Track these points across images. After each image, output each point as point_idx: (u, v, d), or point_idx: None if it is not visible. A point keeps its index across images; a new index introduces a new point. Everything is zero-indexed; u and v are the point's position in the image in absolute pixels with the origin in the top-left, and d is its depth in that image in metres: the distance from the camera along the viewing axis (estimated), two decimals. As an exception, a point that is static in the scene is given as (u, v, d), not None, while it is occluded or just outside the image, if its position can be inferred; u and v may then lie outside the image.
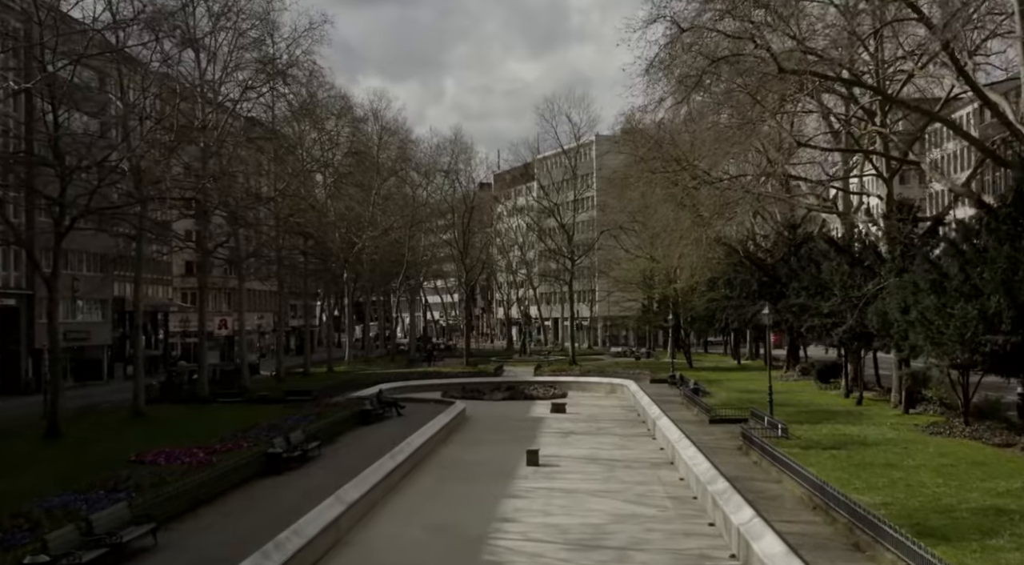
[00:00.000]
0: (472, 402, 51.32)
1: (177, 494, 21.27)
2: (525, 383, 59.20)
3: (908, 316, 29.13)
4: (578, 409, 48.26)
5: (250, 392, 49.11)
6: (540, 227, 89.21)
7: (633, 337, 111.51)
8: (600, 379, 60.13)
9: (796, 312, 39.45)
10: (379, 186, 72.83)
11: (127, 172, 36.76)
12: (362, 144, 66.93)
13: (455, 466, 31.05)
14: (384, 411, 40.73)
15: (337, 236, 69.36)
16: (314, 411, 39.31)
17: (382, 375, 62.47)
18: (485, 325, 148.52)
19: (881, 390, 43.41)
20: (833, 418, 35.12)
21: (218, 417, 39.06)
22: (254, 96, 49.14)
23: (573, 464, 30.90)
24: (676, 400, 45.81)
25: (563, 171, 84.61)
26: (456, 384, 58.90)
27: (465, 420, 43.36)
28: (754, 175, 43.35)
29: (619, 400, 53.82)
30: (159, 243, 49.91)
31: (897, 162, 35.58)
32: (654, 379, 57.31)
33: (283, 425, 34.31)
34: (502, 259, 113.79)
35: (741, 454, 28.63)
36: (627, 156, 63.67)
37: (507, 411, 48.06)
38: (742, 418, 36.20)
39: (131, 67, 38.21)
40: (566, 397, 54.67)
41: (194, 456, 27.49)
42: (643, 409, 43.56)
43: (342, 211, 69.33)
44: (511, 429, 40.43)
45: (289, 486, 24.61)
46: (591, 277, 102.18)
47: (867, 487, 21.51)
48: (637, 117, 49.26)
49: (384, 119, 74.36)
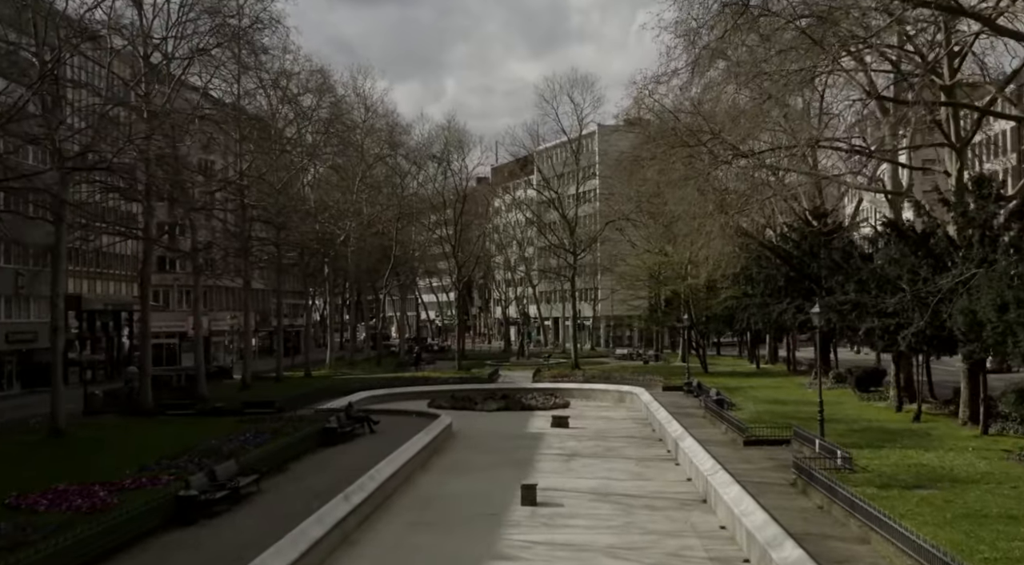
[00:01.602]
0: (462, 413, 45.04)
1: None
2: (522, 391, 52.84)
3: (1006, 315, 22.77)
4: (583, 422, 41.96)
5: (207, 402, 42.77)
6: (540, 218, 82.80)
7: (637, 337, 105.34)
8: (606, 386, 53.74)
9: (845, 311, 32.87)
10: (363, 173, 66.45)
11: (42, 140, 30.40)
12: (344, 125, 60.51)
13: (431, 505, 24.69)
14: (354, 428, 34.38)
15: (317, 227, 62.96)
16: (271, 427, 33.06)
17: (365, 381, 56.14)
18: (482, 325, 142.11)
19: (936, 402, 37.05)
20: (895, 439, 28.77)
21: (153, 436, 32.71)
22: (212, 65, 42.71)
23: (579, 502, 24.55)
24: (696, 413, 39.52)
25: (565, 158, 78.14)
26: (446, 392, 52.53)
27: (451, 437, 37.04)
28: (789, 147, 36.97)
29: (629, 411, 47.50)
30: (85, 229, 43.31)
31: (973, 127, 29.15)
32: (667, 386, 50.98)
33: (224, 448, 28.11)
34: (500, 256, 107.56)
35: (797, 492, 22.30)
36: (637, 135, 57.23)
37: (501, 425, 41.74)
38: (782, 439, 30.02)
39: (51, 16, 31.73)
40: (569, 407, 48.42)
41: (92, 497, 21.22)
42: (660, 424, 37.24)
43: (322, 199, 62.99)
44: (505, 449, 34.10)
45: (196, 545, 18.21)
46: (593, 274, 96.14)
47: (1003, 559, 15.20)
48: (650, 88, 42.78)
49: (369, 98, 67.92)
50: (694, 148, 37.07)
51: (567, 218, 67.60)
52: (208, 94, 45.73)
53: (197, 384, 45.27)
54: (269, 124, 53.05)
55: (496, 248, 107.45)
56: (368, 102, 67.80)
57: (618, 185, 67.13)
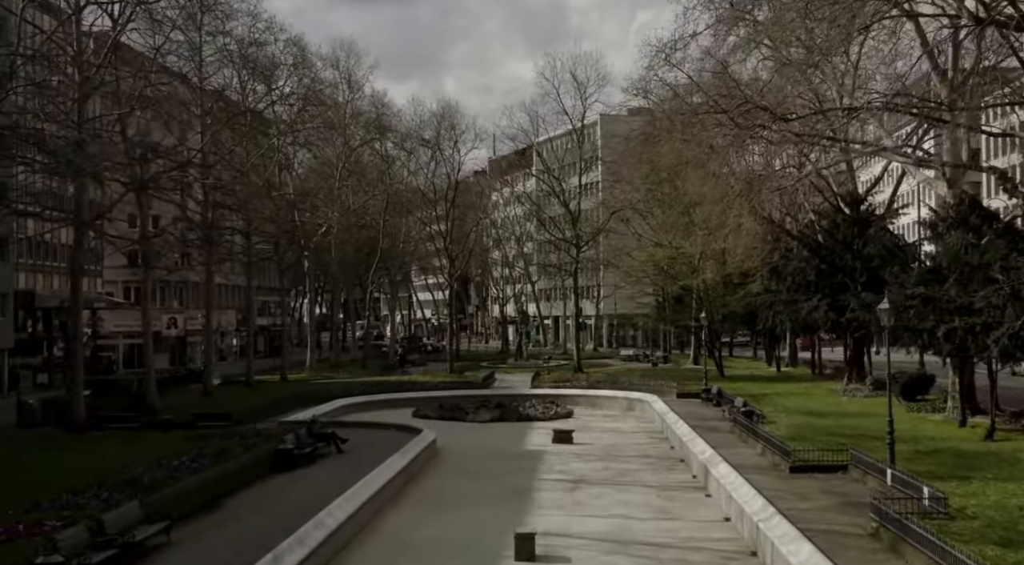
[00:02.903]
0: (451, 425, 39.56)
1: None
2: (520, 397, 47.24)
3: None
4: (589, 436, 36.36)
5: (156, 414, 37.14)
6: (539, 207, 76.95)
7: (641, 337, 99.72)
8: (614, 392, 48.08)
9: (910, 308, 27.04)
10: (347, 159, 60.72)
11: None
12: (324, 103, 54.75)
13: (398, 560, 19.10)
14: (316, 447, 28.74)
15: (296, 216, 57.28)
16: (218, 447, 27.53)
17: (346, 386, 50.53)
18: (479, 324, 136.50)
19: (1004, 416, 31.40)
20: (978, 467, 23.18)
21: (75, 459, 27.06)
22: (164, 25, 37.09)
23: (591, 556, 18.91)
24: (722, 427, 33.94)
25: (567, 146, 72.32)
26: (434, 398, 46.99)
27: (435, 456, 31.45)
28: (827, 110, 31.41)
29: (640, 422, 41.93)
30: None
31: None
32: (682, 393, 45.44)
33: (146, 478, 22.51)
34: (497, 251, 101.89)
35: (883, 549, 16.72)
36: (646, 120, 51.73)
37: (495, 440, 36.13)
38: (838, 464, 24.50)
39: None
40: (572, 418, 42.90)
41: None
42: (681, 442, 31.62)
43: (301, 187, 57.35)
44: (497, 473, 28.51)
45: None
46: (595, 271, 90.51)
47: None
48: (667, 53, 37.25)
49: (353, 75, 61.96)
50: (729, 113, 31.38)
51: (569, 208, 61.87)
52: (165, 67, 40.21)
53: (146, 392, 39.46)
54: (236, 100, 47.39)
55: (494, 243, 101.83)
56: (352, 79, 62.05)
57: (625, 171, 61.42)
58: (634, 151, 57.02)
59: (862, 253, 43.68)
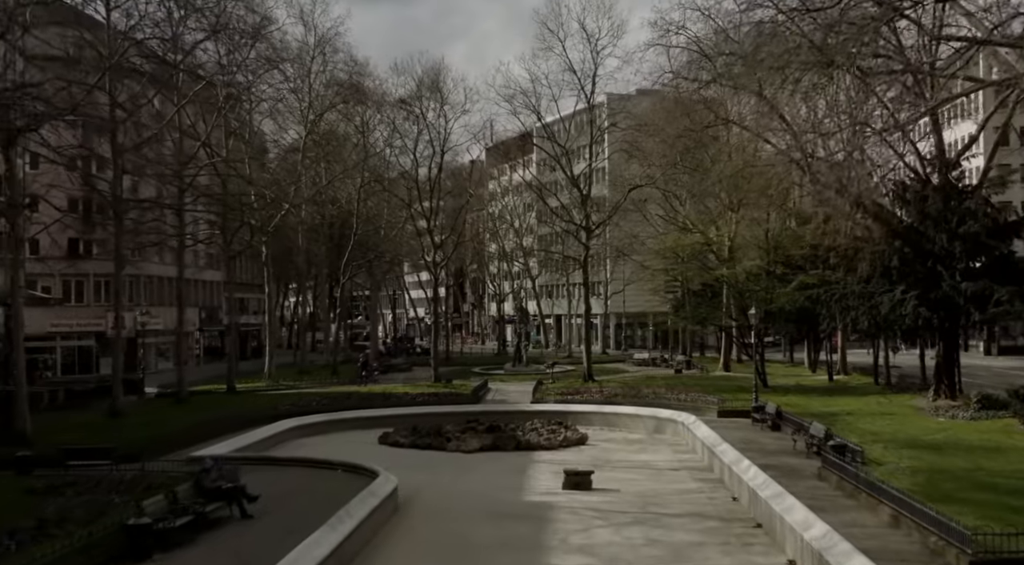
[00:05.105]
0: (426, 457, 29.82)
1: None
2: (518, 416, 37.21)
3: None
4: (612, 477, 26.31)
5: (18, 444, 27.10)
6: (543, 188, 66.71)
7: (652, 338, 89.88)
8: (637, 410, 37.83)
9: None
10: (312, 124, 50.63)
11: None
12: (280, 52, 44.93)
13: None
14: (205, 513, 18.72)
15: (254, 197, 47.32)
16: (59, 509, 17.83)
17: (300, 400, 40.60)
18: (476, 324, 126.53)
19: None
20: None
21: None
22: None
23: None
24: (799, 466, 24.08)
25: (570, 124, 62.01)
26: (409, 417, 37.08)
27: (393, 518, 21.44)
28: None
29: (675, 450, 31.92)
30: None
31: None
32: (724, 411, 35.47)
33: None
34: (495, 245, 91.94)
35: None
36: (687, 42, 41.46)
37: (483, 483, 26.14)
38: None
39: None
40: (585, 444, 33.03)
41: None
42: (753, 494, 21.50)
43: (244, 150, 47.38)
44: (482, 555, 18.58)
45: None
46: (602, 266, 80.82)
47: None
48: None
49: (321, 27, 51.91)
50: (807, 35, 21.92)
51: (579, 186, 51.82)
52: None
53: (15, 410, 29.13)
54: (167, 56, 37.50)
55: (491, 236, 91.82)
56: (318, 30, 51.87)
57: (647, 142, 51.29)
58: (662, 112, 47.18)
59: (958, 232, 33.90)
